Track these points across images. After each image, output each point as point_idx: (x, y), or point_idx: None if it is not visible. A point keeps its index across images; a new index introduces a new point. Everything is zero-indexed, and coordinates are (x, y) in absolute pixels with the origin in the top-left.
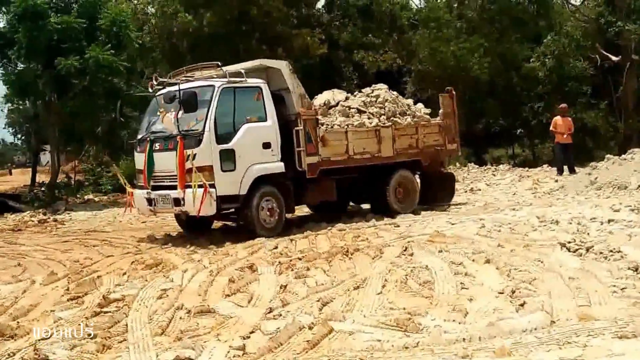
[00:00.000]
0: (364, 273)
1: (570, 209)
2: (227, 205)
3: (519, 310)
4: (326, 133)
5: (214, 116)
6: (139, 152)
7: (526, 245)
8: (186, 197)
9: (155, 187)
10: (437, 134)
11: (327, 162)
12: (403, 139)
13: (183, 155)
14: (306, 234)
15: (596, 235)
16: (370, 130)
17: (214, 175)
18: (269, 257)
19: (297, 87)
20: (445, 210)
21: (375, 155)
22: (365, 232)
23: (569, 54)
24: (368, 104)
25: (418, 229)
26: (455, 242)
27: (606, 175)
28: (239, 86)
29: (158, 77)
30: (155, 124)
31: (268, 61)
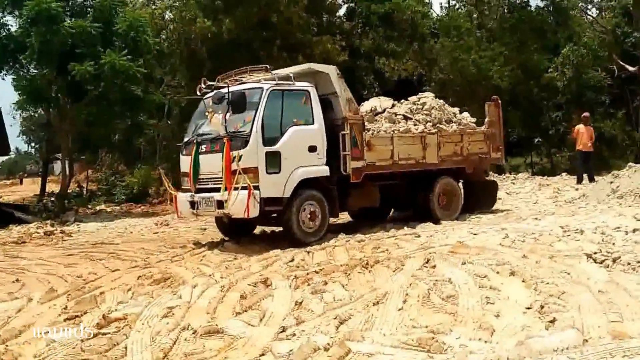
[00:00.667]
0: (384, 287)
1: (594, 218)
2: (271, 207)
3: (548, 327)
4: (372, 138)
5: (261, 118)
6: (184, 155)
7: (551, 256)
8: (230, 199)
9: (198, 190)
10: (482, 142)
11: (371, 167)
12: (448, 146)
13: (229, 156)
14: (323, 245)
15: (622, 246)
16: (415, 136)
17: (259, 177)
18: (284, 271)
19: (345, 92)
20: (465, 219)
21: (419, 162)
22: (385, 243)
23: (587, 64)
24: (414, 111)
25: (439, 239)
26: (479, 253)
27: (628, 184)
28: (287, 89)
29: (206, 80)
30: (201, 126)
31: (317, 65)
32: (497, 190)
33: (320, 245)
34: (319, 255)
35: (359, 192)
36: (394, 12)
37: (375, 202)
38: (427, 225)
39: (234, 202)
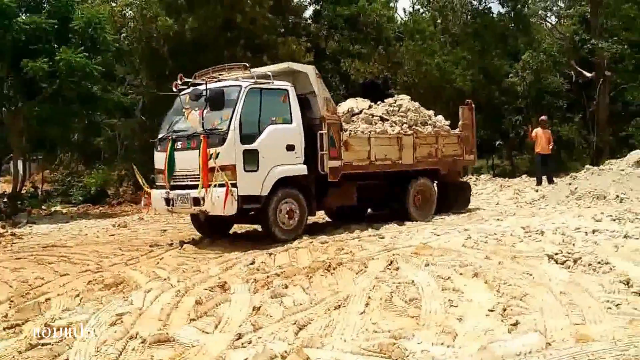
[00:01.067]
0: (347, 290)
1: (554, 219)
2: (249, 205)
3: (511, 330)
4: (349, 138)
5: (239, 116)
6: (159, 151)
7: (514, 257)
8: (207, 196)
9: (174, 187)
10: (456, 144)
11: (349, 166)
12: (423, 148)
13: (206, 153)
14: (286, 247)
15: (582, 246)
16: (392, 137)
17: (237, 175)
18: (244, 274)
19: (323, 91)
20: (429, 220)
21: (395, 162)
22: (348, 245)
23: (546, 69)
24: (391, 112)
25: (403, 240)
26: (442, 254)
27: (585, 186)
28: (265, 87)
29: (183, 77)
30: (177, 123)
31: (295, 65)
32: (470, 191)
33: (283, 247)
34: (281, 258)
35: (337, 191)
36: (359, 15)
37: (352, 201)
38: (391, 226)
39: (211, 199)
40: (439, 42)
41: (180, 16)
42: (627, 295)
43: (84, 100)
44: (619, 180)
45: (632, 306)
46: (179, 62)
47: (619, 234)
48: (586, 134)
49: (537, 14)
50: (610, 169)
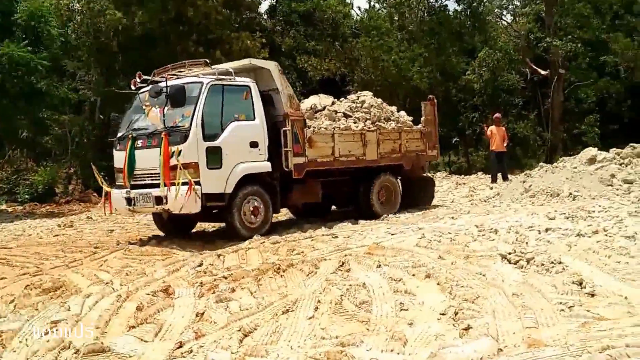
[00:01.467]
0: (296, 293)
1: (508, 217)
2: (212, 203)
3: (463, 335)
4: (313, 134)
5: (201, 113)
6: (118, 150)
7: (467, 256)
8: (170, 194)
9: (135, 186)
10: (419, 139)
11: (313, 163)
12: (387, 144)
13: (168, 151)
14: (236, 247)
15: (535, 245)
16: (356, 133)
17: (200, 173)
18: (190, 277)
19: (286, 88)
20: (384, 219)
21: (359, 159)
22: (300, 245)
23: (502, 67)
24: (354, 109)
25: (356, 240)
26: (395, 254)
27: (539, 183)
28: (227, 84)
29: (142, 74)
30: (137, 121)
31: (258, 61)
32: (434, 186)
33: (232, 247)
34: (231, 259)
35: (301, 188)
36: (314, 11)
37: (317, 198)
38: (345, 225)
39: (174, 198)
40: (396, 39)
41: (130, 9)
42: (579, 296)
43: (28, 96)
44: (572, 178)
45: (585, 308)
46: (129, 57)
47: (571, 232)
48: (541, 131)
49: (493, 12)
50: (564, 166)
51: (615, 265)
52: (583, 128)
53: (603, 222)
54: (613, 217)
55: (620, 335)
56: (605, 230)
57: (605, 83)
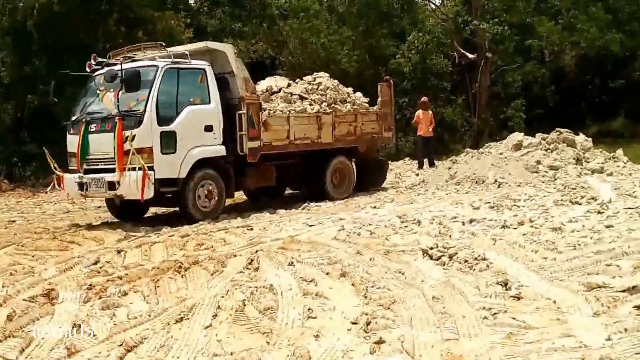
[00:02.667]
0: (196, 297)
1: (432, 206)
2: (166, 189)
3: (374, 351)
4: (269, 118)
5: (156, 97)
6: (72, 134)
7: (387, 251)
8: (123, 180)
9: (88, 171)
10: (375, 122)
11: (268, 146)
12: (342, 126)
13: (122, 136)
14: (140, 241)
15: (459, 239)
16: (311, 116)
17: (154, 158)
18: (82, 277)
19: (242, 71)
20: (304, 209)
21: (315, 141)
22: (212, 238)
23: (430, 50)
24: (310, 91)
25: (273, 232)
26: (310, 249)
27: (465, 170)
28: (183, 67)
29: (97, 56)
30: (91, 105)
31: (213, 44)
32: (387, 168)
33: (136, 242)
34: (132, 255)
35: (255, 171)
36: None
37: (272, 181)
38: (262, 215)
39: (127, 183)
40: (325, 21)
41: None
42: (504, 299)
43: None
44: (497, 164)
45: (510, 315)
46: (47, 37)
47: (496, 223)
48: (468, 116)
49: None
50: (490, 152)
51: (542, 262)
52: (509, 113)
53: (529, 211)
54: (539, 207)
55: (549, 348)
56: (532, 221)
57: (531, 67)
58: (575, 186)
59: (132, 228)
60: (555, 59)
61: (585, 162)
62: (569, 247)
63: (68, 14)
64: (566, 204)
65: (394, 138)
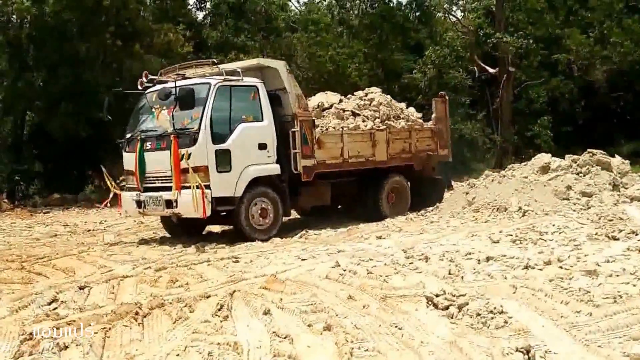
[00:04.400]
0: (148, 353)
1: (444, 238)
2: (222, 207)
3: None
4: (322, 135)
5: (209, 115)
6: (128, 152)
7: (384, 296)
8: (181, 198)
9: (145, 189)
10: (430, 138)
11: (322, 165)
12: (397, 143)
13: (177, 154)
14: (111, 275)
15: (471, 282)
16: (365, 133)
17: (210, 176)
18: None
19: (294, 88)
20: (302, 237)
21: (369, 159)
22: (190, 272)
23: (449, 64)
24: (362, 106)
25: (259, 266)
26: (295, 291)
27: (484, 195)
28: (235, 85)
29: (148, 74)
30: (145, 122)
31: (265, 60)
32: (444, 187)
33: (106, 276)
34: (97, 293)
35: (310, 190)
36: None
37: (326, 200)
38: (253, 245)
39: (184, 201)
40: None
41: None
42: None
43: None
44: (522, 189)
45: None
46: (41, 51)
47: (518, 262)
48: (490, 133)
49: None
50: (513, 175)
51: (575, 318)
52: (535, 130)
53: (557, 247)
54: (569, 241)
55: None
56: (560, 260)
57: (557, 82)
58: (612, 217)
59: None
60: (584, 74)
61: (622, 187)
62: (607, 298)
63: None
64: (602, 239)
65: (451, 155)
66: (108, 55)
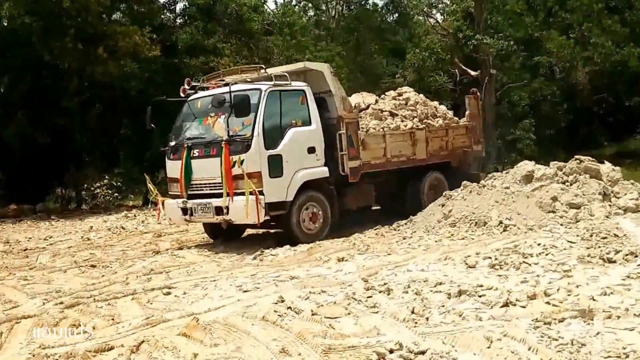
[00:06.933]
0: None
1: (413, 261)
2: (275, 212)
3: None
4: (366, 136)
5: (262, 120)
6: (172, 159)
7: (327, 349)
8: (233, 205)
9: (191, 196)
10: (464, 135)
11: (367, 165)
12: (435, 141)
13: (229, 161)
14: (9, 314)
15: (439, 324)
16: (405, 132)
17: (263, 182)
18: None
19: (339, 90)
20: (256, 258)
21: (410, 158)
22: (105, 309)
23: (428, 67)
24: (398, 106)
25: (191, 300)
26: (218, 340)
27: (462, 208)
28: (284, 89)
29: (190, 81)
30: (190, 129)
31: (311, 64)
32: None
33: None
34: None
35: (356, 191)
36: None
37: (371, 201)
38: (196, 270)
39: (236, 208)
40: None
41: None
42: None
43: None
44: (503, 201)
45: None
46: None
47: (497, 296)
48: None
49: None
50: (493, 185)
51: None
52: (517, 134)
53: (543, 274)
54: (557, 266)
55: None
56: (547, 294)
57: (539, 84)
58: (605, 233)
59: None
60: (566, 76)
61: (614, 197)
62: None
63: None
64: (595, 262)
65: (484, 151)
66: (70, 60)
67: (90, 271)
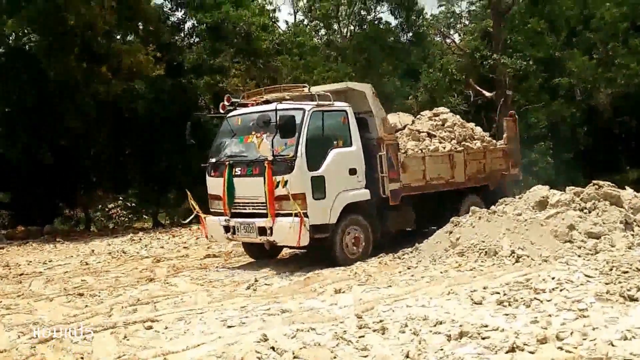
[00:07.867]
0: None
1: (414, 294)
2: (319, 235)
3: None
4: (406, 158)
5: (305, 141)
6: (212, 176)
7: None
8: (277, 226)
9: (233, 215)
10: (502, 158)
11: (407, 188)
12: (473, 164)
13: (272, 181)
14: None
15: None
16: (444, 155)
17: (307, 204)
18: None
19: (380, 111)
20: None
21: (448, 181)
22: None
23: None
24: (435, 127)
25: (171, 336)
26: None
27: (471, 236)
28: (327, 109)
29: (230, 97)
30: (231, 146)
31: (353, 84)
32: None
33: None
34: None
35: (396, 214)
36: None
37: (411, 223)
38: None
39: (280, 229)
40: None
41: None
42: None
43: None
44: (515, 229)
45: None
46: (8, 75)
47: (502, 339)
48: None
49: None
50: (504, 212)
51: None
52: (534, 157)
53: (556, 313)
54: (572, 304)
55: None
56: (560, 338)
57: (558, 106)
58: (626, 267)
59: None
60: (587, 97)
61: (637, 226)
62: None
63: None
64: (615, 300)
65: (521, 174)
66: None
67: (76, 300)
